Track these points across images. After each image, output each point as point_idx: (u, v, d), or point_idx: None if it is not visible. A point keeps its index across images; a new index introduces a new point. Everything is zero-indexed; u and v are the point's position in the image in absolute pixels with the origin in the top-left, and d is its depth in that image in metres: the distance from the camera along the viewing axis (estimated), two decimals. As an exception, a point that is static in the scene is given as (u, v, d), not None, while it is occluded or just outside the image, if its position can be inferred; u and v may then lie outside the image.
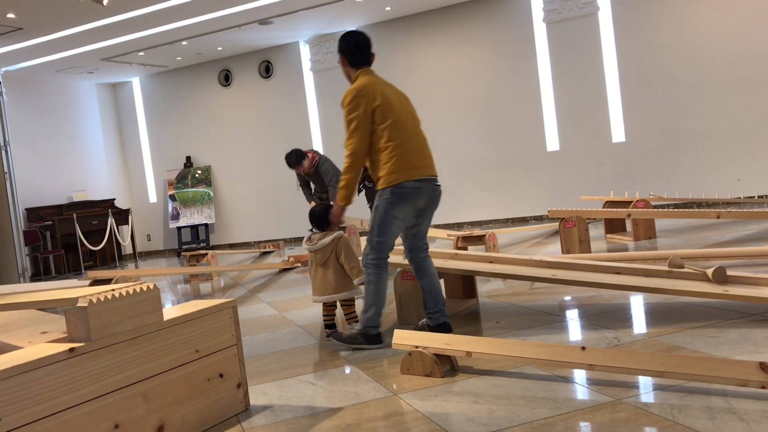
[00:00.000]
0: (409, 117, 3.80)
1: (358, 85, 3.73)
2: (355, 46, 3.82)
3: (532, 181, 10.07)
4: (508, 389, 2.88)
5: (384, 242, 3.76)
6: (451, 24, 10.33)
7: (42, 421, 2.21)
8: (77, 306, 2.45)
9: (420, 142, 3.79)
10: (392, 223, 3.73)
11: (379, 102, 3.67)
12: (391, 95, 3.75)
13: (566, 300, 4.56)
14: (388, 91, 3.76)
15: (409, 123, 3.77)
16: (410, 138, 3.73)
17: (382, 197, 3.71)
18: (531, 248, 7.29)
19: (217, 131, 12.27)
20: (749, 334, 3.24)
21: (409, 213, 3.75)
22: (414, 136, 3.76)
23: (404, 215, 3.74)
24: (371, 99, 3.67)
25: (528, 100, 9.98)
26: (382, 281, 3.81)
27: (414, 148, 3.72)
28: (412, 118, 3.83)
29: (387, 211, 3.70)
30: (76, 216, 11.29)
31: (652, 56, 9.22)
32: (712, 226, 7.19)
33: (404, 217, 3.75)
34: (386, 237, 3.76)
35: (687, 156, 9.14)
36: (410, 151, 3.70)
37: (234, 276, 8.17)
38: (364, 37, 3.87)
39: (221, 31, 10.02)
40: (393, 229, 3.75)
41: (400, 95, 3.85)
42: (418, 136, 3.80)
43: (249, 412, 2.98)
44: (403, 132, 3.70)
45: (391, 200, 3.68)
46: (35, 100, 11.66)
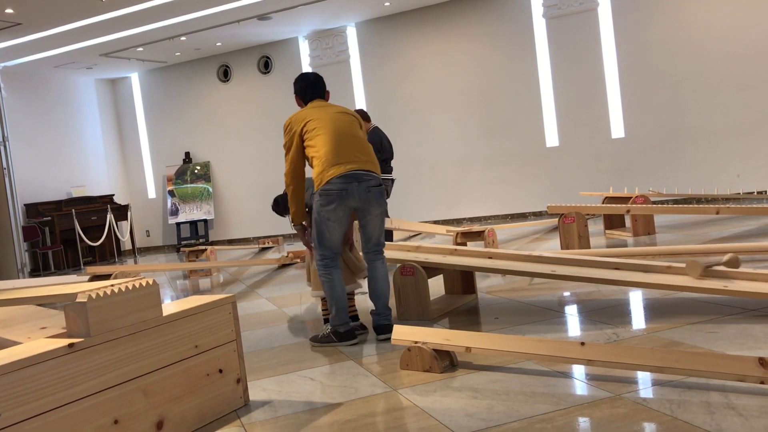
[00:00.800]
0: (337, 124, 3.87)
1: (291, 117, 3.97)
2: (304, 87, 4.08)
3: (531, 177, 10.07)
4: (507, 385, 2.88)
5: (324, 244, 3.86)
6: (450, 19, 10.32)
7: (41, 417, 2.22)
8: (76, 301, 2.44)
9: (346, 142, 3.84)
10: (326, 224, 3.82)
11: (304, 123, 3.87)
12: (321, 114, 3.91)
13: (565, 296, 4.56)
14: (318, 112, 3.92)
15: (335, 129, 3.84)
16: (334, 140, 3.81)
17: (315, 201, 3.85)
18: (530, 244, 7.29)
19: (216, 127, 12.25)
20: (748, 330, 3.24)
21: (342, 214, 3.82)
22: (338, 137, 3.83)
23: (336, 216, 3.80)
24: (298, 123, 3.89)
25: (527, 95, 9.97)
26: (334, 280, 3.88)
27: (337, 148, 3.79)
28: (342, 125, 3.89)
29: (319, 214, 3.82)
30: (75, 212, 11.28)
31: (652, 52, 9.21)
32: (712, 221, 7.19)
33: (338, 219, 3.82)
34: (324, 239, 3.86)
35: (686, 152, 9.14)
36: (332, 151, 3.78)
37: (233, 272, 8.17)
38: (315, 77, 4.11)
39: (220, 26, 10.00)
40: (328, 230, 3.83)
41: (336, 113, 3.95)
42: (345, 137, 3.85)
43: (248, 408, 2.99)
44: (327, 138, 3.81)
45: (320, 202, 3.80)
46: (34, 96, 11.64)
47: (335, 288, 3.88)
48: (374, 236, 3.98)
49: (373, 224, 3.95)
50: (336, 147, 3.79)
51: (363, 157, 3.86)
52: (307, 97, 4.07)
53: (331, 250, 3.88)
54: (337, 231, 3.85)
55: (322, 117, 3.88)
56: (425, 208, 10.66)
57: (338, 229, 3.85)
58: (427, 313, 4.29)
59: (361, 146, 3.90)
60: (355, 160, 3.82)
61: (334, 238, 3.86)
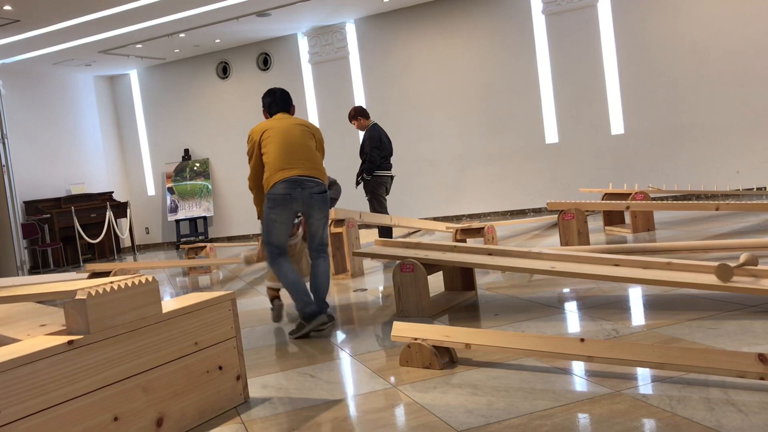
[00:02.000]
0: (288, 134, 4.27)
1: (253, 128, 4.41)
2: (270, 102, 4.53)
3: (530, 174, 10.06)
4: (507, 381, 2.88)
5: (271, 242, 4.29)
6: (449, 16, 10.30)
7: (41, 414, 2.21)
8: (76, 298, 2.44)
9: (294, 151, 4.22)
10: (273, 225, 4.24)
11: (262, 133, 4.29)
12: (277, 125, 4.32)
13: (565, 292, 4.56)
14: (276, 123, 4.34)
15: (285, 138, 4.24)
16: (282, 148, 4.20)
17: (264, 204, 4.27)
18: (530, 240, 7.29)
19: (216, 124, 12.24)
20: (748, 326, 3.24)
21: (286, 217, 4.23)
22: (287, 146, 4.22)
23: (282, 218, 4.22)
24: (257, 133, 4.31)
25: (527, 92, 9.97)
26: (284, 270, 4.26)
27: (284, 155, 4.19)
28: (293, 135, 4.27)
29: (267, 215, 4.24)
30: (74, 209, 11.27)
31: (652, 48, 9.20)
32: (711, 218, 7.19)
33: (283, 221, 4.23)
34: (272, 237, 4.27)
35: (686, 148, 9.14)
36: (280, 158, 4.18)
37: (232, 269, 8.18)
38: (281, 93, 4.57)
39: (219, 23, 9.99)
40: (275, 230, 4.25)
41: (292, 124, 4.34)
42: (293, 146, 4.23)
43: (248, 405, 2.99)
44: (277, 146, 4.21)
45: (268, 205, 4.22)
46: (33, 93, 11.63)
47: (287, 275, 4.23)
48: (317, 237, 4.37)
49: (316, 226, 4.34)
50: (283, 154, 4.19)
51: (308, 164, 4.23)
52: (273, 111, 4.49)
53: (278, 246, 4.31)
54: (282, 231, 4.26)
55: (277, 127, 4.30)
56: (425, 205, 10.66)
57: (283, 230, 4.27)
58: (426, 310, 4.29)
59: (308, 155, 4.27)
60: (300, 166, 4.19)
61: (281, 236, 4.28)
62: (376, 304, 5.00)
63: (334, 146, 11.26)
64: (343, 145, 10.72)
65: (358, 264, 6.47)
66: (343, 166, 10.79)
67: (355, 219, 6.57)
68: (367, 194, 7.47)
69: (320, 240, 4.37)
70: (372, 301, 5.17)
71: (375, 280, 6.10)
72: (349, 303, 5.19)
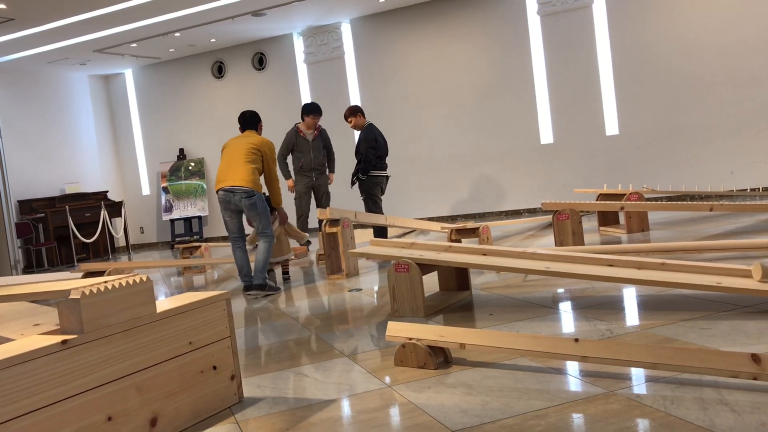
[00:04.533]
0: (230, 152, 5.86)
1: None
2: (241, 122, 6.11)
3: (525, 174, 10.08)
4: (501, 381, 2.89)
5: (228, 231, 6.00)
6: (445, 16, 10.31)
7: (34, 414, 2.21)
8: (70, 298, 2.44)
9: (227, 167, 5.79)
10: (224, 220, 5.95)
11: (223, 148, 6.00)
12: (232, 142, 5.95)
13: (559, 292, 4.57)
14: (231, 142, 5.97)
15: (227, 155, 5.87)
16: (223, 163, 5.86)
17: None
18: (524, 241, 7.30)
19: (211, 123, 12.22)
20: (741, 326, 3.25)
21: (229, 215, 5.86)
22: (226, 164, 5.83)
23: (227, 215, 5.87)
24: (222, 148, 6.02)
25: (522, 92, 9.98)
26: (236, 253, 5.95)
27: (223, 168, 5.83)
28: (234, 152, 5.82)
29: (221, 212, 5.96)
30: (68, 208, 11.23)
31: (646, 49, 9.22)
32: (705, 218, 7.21)
33: (228, 216, 5.87)
34: (227, 228, 5.99)
35: (680, 149, 9.16)
36: (220, 171, 5.86)
37: (227, 268, 8.16)
38: (249, 115, 6.12)
39: (214, 22, 9.97)
40: (226, 223, 5.95)
41: (239, 141, 5.90)
42: (230, 163, 5.79)
43: (243, 404, 2.98)
44: (222, 161, 5.91)
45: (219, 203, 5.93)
46: (27, 92, 11.59)
47: (236, 259, 5.96)
48: (257, 227, 5.90)
49: (253, 219, 5.87)
50: (223, 168, 5.83)
51: (231, 178, 5.71)
52: (242, 129, 6.09)
53: (231, 233, 5.94)
54: (230, 224, 5.90)
55: (230, 145, 5.93)
56: (419, 205, 10.67)
57: (230, 223, 5.89)
58: (421, 310, 4.30)
59: (238, 168, 5.72)
60: (227, 179, 5.74)
61: (230, 227, 5.92)
62: (371, 304, 5.00)
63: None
64: (339, 145, 10.70)
65: (353, 264, 6.47)
66: (338, 166, 10.79)
67: (350, 219, 6.57)
68: (362, 194, 7.47)
69: (260, 230, 5.88)
70: (367, 301, 5.17)
71: (370, 280, 6.11)
72: (344, 303, 5.19)
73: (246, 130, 6.01)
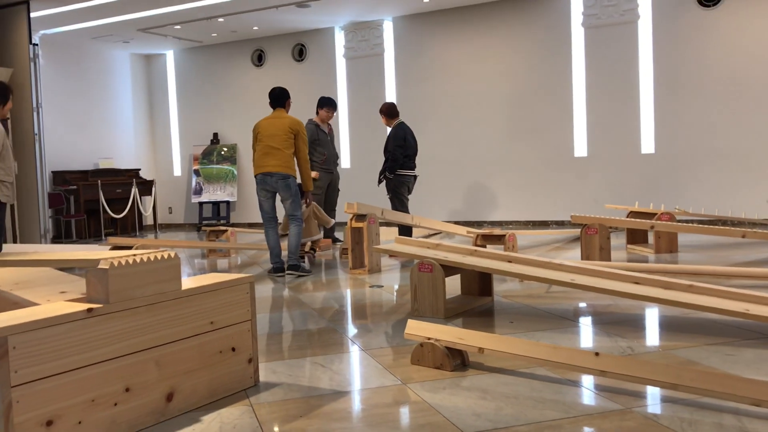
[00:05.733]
0: (267, 138, 6.26)
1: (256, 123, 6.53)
2: (271, 96, 6.53)
3: (556, 185, 10.00)
4: (517, 388, 2.87)
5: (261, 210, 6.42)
6: (488, 21, 10.27)
7: (55, 378, 2.25)
8: (99, 267, 2.47)
9: (266, 154, 6.23)
10: (258, 198, 6.37)
11: (256, 129, 6.42)
12: (265, 127, 6.33)
13: (582, 306, 4.53)
14: (264, 124, 6.37)
15: (265, 142, 6.26)
16: (261, 151, 6.27)
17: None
18: (550, 252, 7.24)
19: (246, 110, 12.30)
20: (766, 356, 3.19)
21: (263, 194, 6.30)
22: (264, 151, 6.24)
23: (261, 194, 6.31)
24: (254, 131, 6.45)
25: (559, 103, 9.90)
26: (268, 233, 6.40)
27: (260, 157, 6.27)
28: (270, 139, 6.23)
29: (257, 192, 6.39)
30: (100, 183, 11.40)
31: (689, 70, 9.09)
32: (737, 245, 7.09)
33: (263, 195, 6.31)
34: (261, 207, 6.40)
35: (716, 173, 9.02)
36: (258, 159, 6.31)
37: (252, 254, 8.22)
38: (279, 90, 6.55)
39: (259, 10, 10.04)
40: (260, 202, 6.36)
41: (274, 124, 6.31)
42: (268, 151, 6.23)
43: (258, 388, 3.00)
44: (260, 148, 6.29)
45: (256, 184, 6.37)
46: (69, 66, 11.77)
47: (268, 240, 6.41)
48: (287, 208, 6.37)
49: (284, 200, 6.31)
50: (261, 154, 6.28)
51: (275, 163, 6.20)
52: (273, 105, 6.52)
53: (265, 213, 6.37)
54: (264, 204, 6.34)
55: (265, 128, 6.34)
56: (446, 208, 10.64)
57: (265, 203, 6.33)
58: (441, 312, 4.29)
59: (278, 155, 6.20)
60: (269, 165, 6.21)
61: (264, 207, 6.35)
62: (391, 302, 5.00)
63: (361, 141, 11.29)
64: (371, 141, 10.74)
65: (375, 260, 6.47)
66: (369, 162, 10.80)
67: (376, 215, 6.58)
68: (389, 192, 7.46)
69: (289, 212, 6.36)
70: (387, 298, 5.17)
71: (391, 277, 6.11)
72: (364, 298, 5.20)
73: (276, 107, 6.45)
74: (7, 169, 4.93)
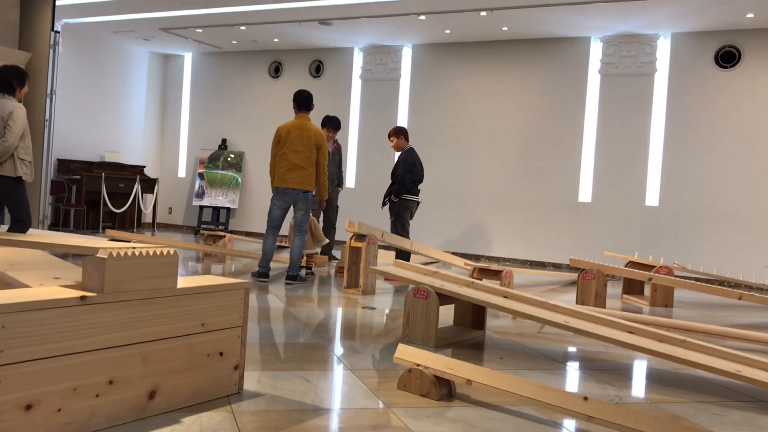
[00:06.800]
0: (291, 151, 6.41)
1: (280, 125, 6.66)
2: (297, 99, 6.65)
3: (557, 228, 10.00)
4: (502, 425, 2.83)
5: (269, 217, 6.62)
6: (506, 58, 10.34)
7: (41, 362, 2.22)
8: (97, 256, 2.46)
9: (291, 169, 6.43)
10: (272, 205, 6.58)
11: (280, 134, 6.53)
12: (290, 137, 6.45)
13: (573, 350, 4.50)
14: (289, 132, 6.47)
15: (290, 155, 6.42)
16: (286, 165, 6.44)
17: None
18: (545, 293, 7.22)
19: (258, 120, 12.35)
20: (755, 419, 3.16)
21: (278, 204, 6.53)
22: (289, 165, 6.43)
23: (277, 204, 6.54)
24: (277, 134, 6.57)
25: (568, 146, 9.94)
26: (266, 239, 6.59)
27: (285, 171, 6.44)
28: (294, 155, 6.41)
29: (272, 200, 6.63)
30: (104, 175, 11.40)
31: (700, 127, 9.15)
32: (732, 306, 7.07)
33: (277, 205, 6.54)
34: (270, 214, 6.61)
35: (718, 232, 9.03)
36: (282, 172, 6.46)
37: (247, 263, 8.19)
38: (306, 94, 6.68)
39: (281, 23, 10.12)
40: (272, 210, 6.57)
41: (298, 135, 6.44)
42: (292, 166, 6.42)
43: (241, 396, 2.97)
44: (285, 161, 6.45)
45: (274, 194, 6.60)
46: (88, 57, 11.84)
47: (265, 243, 6.58)
48: (297, 218, 6.57)
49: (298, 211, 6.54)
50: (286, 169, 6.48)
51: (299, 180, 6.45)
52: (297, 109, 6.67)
53: (272, 221, 6.59)
54: (275, 212, 6.56)
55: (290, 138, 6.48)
56: (445, 237, 10.63)
57: (276, 212, 6.56)
58: (432, 340, 4.25)
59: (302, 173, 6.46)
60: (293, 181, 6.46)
61: (274, 215, 6.56)
62: (382, 325, 4.97)
63: (369, 163, 11.31)
64: (378, 163, 10.76)
65: (371, 282, 6.45)
66: (375, 183, 10.81)
67: (376, 237, 6.56)
68: (392, 216, 7.47)
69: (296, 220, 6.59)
70: (378, 320, 5.14)
71: (385, 301, 6.08)
72: (356, 318, 5.16)
73: (302, 110, 6.59)
74: (27, 149, 5.20)
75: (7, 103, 5.16)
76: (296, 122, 6.52)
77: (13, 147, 5.10)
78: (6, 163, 5.14)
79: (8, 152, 5.10)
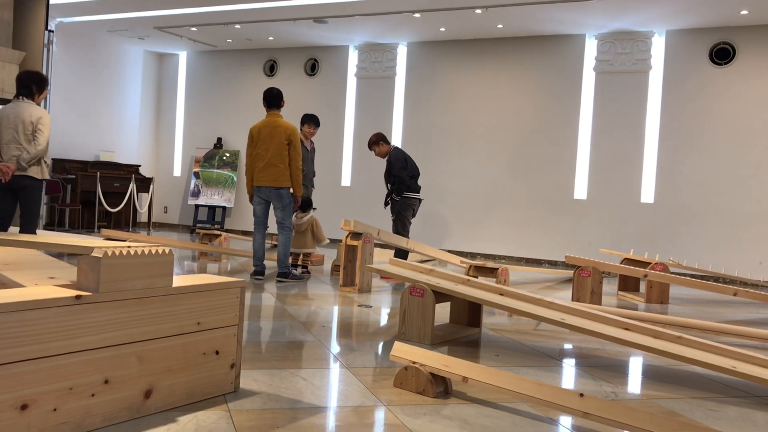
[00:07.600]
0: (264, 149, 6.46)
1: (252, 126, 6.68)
2: (267, 97, 6.66)
3: (553, 225, 10.01)
4: (498, 422, 2.84)
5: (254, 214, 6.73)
6: (501, 56, 10.35)
7: (35, 361, 2.21)
8: (92, 255, 2.45)
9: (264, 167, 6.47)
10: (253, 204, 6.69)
11: (252, 135, 6.58)
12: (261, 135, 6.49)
13: (569, 347, 4.50)
14: (260, 131, 6.51)
15: (262, 153, 6.47)
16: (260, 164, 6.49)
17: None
18: (541, 290, 7.23)
19: (253, 119, 12.26)
20: (750, 415, 3.17)
21: (257, 200, 6.61)
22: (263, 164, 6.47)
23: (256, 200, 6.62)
24: (249, 134, 6.62)
25: (564, 144, 9.95)
26: (255, 237, 6.74)
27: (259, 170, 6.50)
28: (266, 152, 6.44)
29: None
30: (99, 175, 11.37)
31: (695, 124, 9.17)
32: (727, 302, 7.09)
33: (257, 201, 6.62)
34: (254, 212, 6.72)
35: (712, 229, 9.05)
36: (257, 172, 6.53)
37: (242, 262, 8.18)
38: (276, 91, 6.69)
39: (276, 21, 10.11)
40: (254, 208, 6.67)
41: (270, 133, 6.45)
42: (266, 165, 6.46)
43: (237, 394, 2.97)
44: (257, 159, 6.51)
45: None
46: (82, 56, 11.81)
47: (254, 242, 6.76)
48: (278, 216, 6.60)
49: (276, 209, 6.58)
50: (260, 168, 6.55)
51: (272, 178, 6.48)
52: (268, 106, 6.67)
53: (257, 218, 6.67)
54: (257, 209, 6.65)
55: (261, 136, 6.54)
56: (441, 236, 10.64)
57: (258, 208, 6.65)
58: (428, 338, 4.26)
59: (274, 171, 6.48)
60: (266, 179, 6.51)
61: (257, 212, 6.66)
62: (378, 323, 4.97)
63: (364, 161, 11.31)
64: (373, 161, 10.77)
65: (367, 280, 6.45)
66: (370, 181, 10.82)
67: (372, 235, 6.56)
68: (393, 215, 7.47)
69: (278, 218, 6.60)
70: (374, 318, 5.14)
71: (380, 299, 6.08)
72: (352, 316, 5.16)
73: (271, 108, 6.60)
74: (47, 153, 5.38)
75: (34, 108, 5.32)
76: (266, 120, 6.54)
77: (44, 152, 5.33)
78: (35, 166, 5.34)
79: (39, 156, 5.31)
